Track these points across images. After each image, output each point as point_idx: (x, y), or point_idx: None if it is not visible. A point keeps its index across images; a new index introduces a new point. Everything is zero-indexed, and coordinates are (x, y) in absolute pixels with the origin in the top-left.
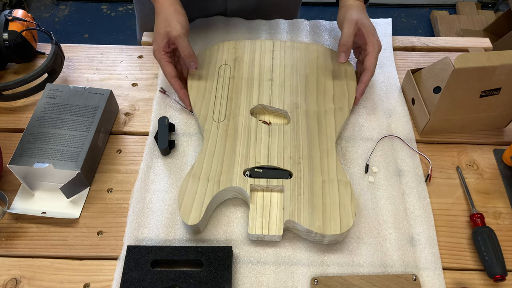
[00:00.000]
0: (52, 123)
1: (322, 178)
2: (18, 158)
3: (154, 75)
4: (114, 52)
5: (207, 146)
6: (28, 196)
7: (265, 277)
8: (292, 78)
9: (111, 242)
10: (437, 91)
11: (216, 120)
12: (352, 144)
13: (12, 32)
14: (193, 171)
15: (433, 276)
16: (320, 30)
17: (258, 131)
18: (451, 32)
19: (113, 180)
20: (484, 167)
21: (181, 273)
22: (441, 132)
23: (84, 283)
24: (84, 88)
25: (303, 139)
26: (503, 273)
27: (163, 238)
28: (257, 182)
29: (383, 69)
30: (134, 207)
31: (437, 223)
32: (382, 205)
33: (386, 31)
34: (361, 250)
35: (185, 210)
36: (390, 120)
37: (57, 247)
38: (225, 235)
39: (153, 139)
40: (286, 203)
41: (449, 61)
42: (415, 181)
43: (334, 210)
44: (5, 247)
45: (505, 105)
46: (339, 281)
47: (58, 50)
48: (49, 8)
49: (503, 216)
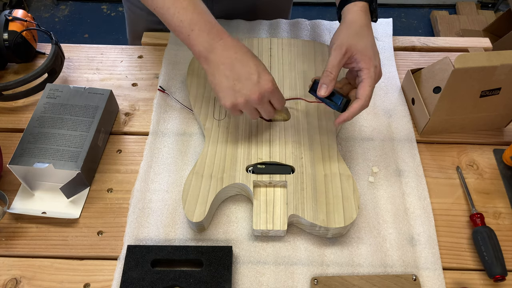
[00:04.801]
0: (52, 123)
1: (324, 172)
2: (18, 158)
3: (154, 75)
4: (114, 52)
5: (209, 144)
6: (28, 196)
7: (265, 277)
8: (291, 75)
9: (111, 242)
10: (437, 91)
11: (217, 118)
12: (352, 144)
13: (12, 32)
14: (196, 169)
15: (433, 276)
16: (321, 30)
17: (259, 127)
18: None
19: (113, 180)
20: (484, 167)
21: (181, 273)
22: (441, 132)
23: (84, 283)
24: (84, 88)
25: (304, 134)
26: (503, 273)
27: (163, 238)
28: (260, 178)
29: (383, 69)
30: (134, 206)
31: (437, 223)
32: (382, 205)
33: (387, 31)
34: (361, 250)
35: (190, 207)
36: (390, 120)
37: (57, 247)
38: (225, 235)
39: (153, 138)
40: (290, 198)
41: (449, 61)
42: (415, 181)
43: (337, 203)
44: (5, 247)
45: (505, 105)
46: (339, 281)
47: (58, 50)
48: (49, 8)
49: (503, 216)
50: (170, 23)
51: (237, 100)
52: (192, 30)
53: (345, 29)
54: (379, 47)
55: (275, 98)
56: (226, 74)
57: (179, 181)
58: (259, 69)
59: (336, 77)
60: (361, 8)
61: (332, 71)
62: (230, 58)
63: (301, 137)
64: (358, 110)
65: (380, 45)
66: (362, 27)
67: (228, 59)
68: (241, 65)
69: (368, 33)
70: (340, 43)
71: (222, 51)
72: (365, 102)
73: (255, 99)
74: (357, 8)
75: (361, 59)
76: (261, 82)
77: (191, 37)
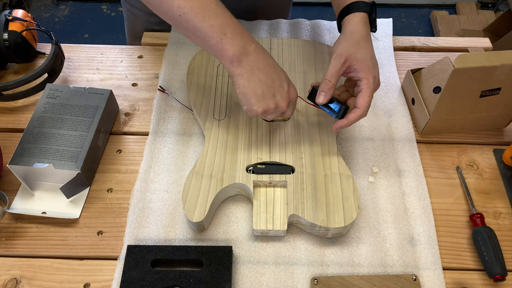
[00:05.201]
0: (52, 123)
1: (324, 172)
2: (18, 158)
3: (154, 75)
4: (114, 52)
5: (209, 144)
6: (28, 196)
7: (265, 277)
8: (291, 75)
9: (111, 242)
10: (437, 91)
11: (217, 118)
12: (352, 144)
13: (12, 32)
14: (196, 169)
15: (433, 276)
16: (321, 30)
17: (259, 127)
18: (451, 32)
19: (113, 180)
20: (484, 167)
21: (181, 273)
22: (441, 132)
23: (84, 283)
24: (84, 88)
25: (304, 134)
26: (503, 273)
27: (163, 238)
28: (260, 178)
29: (383, 69)
30: (134, 206)
31: (437, 223)
32: (382, 205)
33: (387, 31)
34: (361, 250)
35: (190, 207)
36: (390, 120)
37: (57, 247)
38: (225, 235)
39: (153, 138)
40: (290, 198)
41: (449, 61)
42: (415, 181)
43: (337, 203)
44: (5, 247)
45: (505, 105)
46: (339, 281)
47: (58, 50)
48: (49, 8)
49: (503, 216)
50: (200, 29)
51: (269, 106)
52: (224, 34)
53: (345, 39)
54: (379, 47)
55: (293, 106)
56: (261, 79)
57: (179, 181)
58: (287, 78)
59: (335, 85)
60: (361, 19)
61: (331, 80)
62: (264, 64)
63: (301, 137)
64: (356, 119)
65: (380, 45)
66: (361, 37)
67: (262, 64)
68: (274, 72)
69: (367, 43)
70: (340, 52)
71: (255, 55)
72: (364, 112)
73: (284, 107)
74: (357, 19)
75: (360, 69)
76: (291, 91)
77: (223, 41)
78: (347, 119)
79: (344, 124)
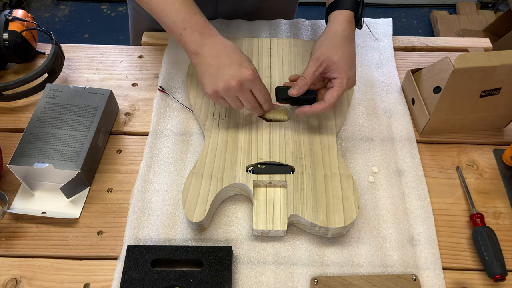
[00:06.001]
0: (52, 123)
1: (324, 172)
2: (18, 158)
3: (154, 75)
4: (114, 52)
5: (209, 144)
6: (28, 196)
7: (265, 277)
8: (290, 75)
9: (111, 242)
10: (437, 91)
11: (217, 118)
12: (352, 144)
13: (12, 32)
14: (196, 169)
15: (433, 276)
16: (320, 30)
17: (259, 127)
18: (451, 32)
19: (113, 180)
20: (484, 167)
21: (181, 273)
22: (441, 132)
23: (84, 283)
24: (84, 88)
25: (304, 134)
26: (503, 273)
27: (163, 238)
28: (260, 178)
29: (383, 69)
30: (134, 206)
31: (437, 223)
32: (382, 205)
33: (387, 31)
34: (361, 250)
35: (190, 207)
36: (390, 120)
37: (57, 247)
38: (225, 235)
39: (153, 138)
40: (290, 198)
41: (449, 61)
42: (415, 181)
43: (337, 203)
44: (5, 247)
45: (505, 105)
46: (339, 281)
47: (58, 50)
48: (49, 8)
49: (503, 216)
50: (165, 24)
51: (218, 86)
52: (184, 30)
53: (326, 40)
54: (379, 47)
55: (256, 88)
56: (211, 63)
57: (179, 181)
58: (242, 59)
59: (309, 84)
60: (346, 17)
61: (307, 78)
62: (216, 51)
63: (301, 137)
64: (319, 110)
65: (380, 45)
66: (342, 38)
67: (215, 52)
68: (226, 55)
69: (347, 44)
70: (319, 55)
71: (211, 46)
72: (328, 106)
73: (235, 86)
74: (343, 17)
75: (335, 70)
76: (242, 70)
77: (183, 36)
78: (311, 107)
79: (307, 111)
